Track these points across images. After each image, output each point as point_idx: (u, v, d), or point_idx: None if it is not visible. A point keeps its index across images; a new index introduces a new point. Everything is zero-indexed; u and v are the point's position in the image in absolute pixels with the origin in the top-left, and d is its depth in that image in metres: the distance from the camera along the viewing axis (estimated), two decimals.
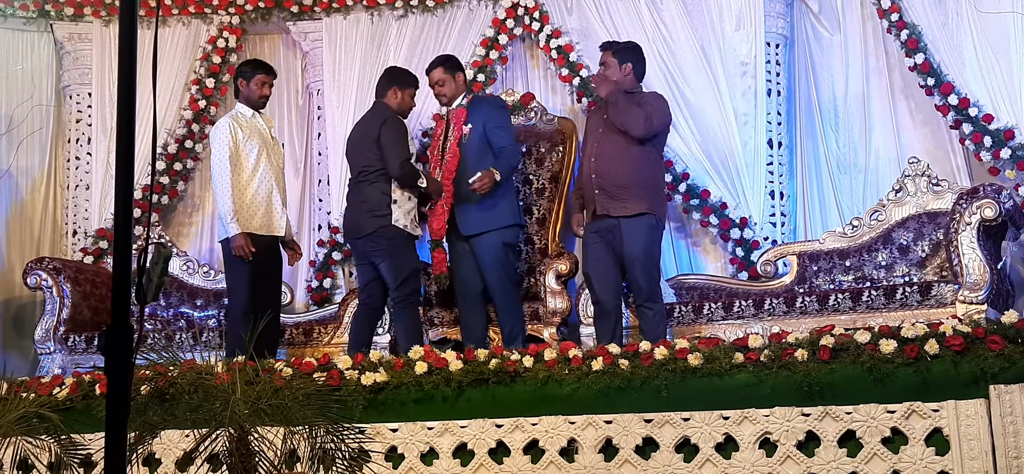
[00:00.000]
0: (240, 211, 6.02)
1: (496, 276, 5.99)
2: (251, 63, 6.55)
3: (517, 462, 4.50)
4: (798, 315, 5.82)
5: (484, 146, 6.06)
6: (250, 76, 6.28)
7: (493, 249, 5.98)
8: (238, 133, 6.10)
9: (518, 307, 6.16)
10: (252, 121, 6.22)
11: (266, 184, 6.15)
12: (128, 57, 2.10)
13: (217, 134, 6.15)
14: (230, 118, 6.19)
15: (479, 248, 5.98)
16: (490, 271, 5.98)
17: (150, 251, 2.14)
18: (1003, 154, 6.28)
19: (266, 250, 6.14)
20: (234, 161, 6.04)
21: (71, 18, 7.88)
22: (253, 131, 6.18)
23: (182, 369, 4.05)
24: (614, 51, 5.97)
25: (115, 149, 2.11)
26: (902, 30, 6.63)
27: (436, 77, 6.27)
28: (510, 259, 6.14)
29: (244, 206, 6.05)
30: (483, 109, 6.18)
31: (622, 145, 5.74)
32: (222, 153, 6.05)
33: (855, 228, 6.52)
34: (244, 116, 6.22)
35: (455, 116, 6.19)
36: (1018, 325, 4.13)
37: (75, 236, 7.71)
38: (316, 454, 3.56)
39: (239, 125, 6.13)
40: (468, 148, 6.07)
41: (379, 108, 6.17)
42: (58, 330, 6.80)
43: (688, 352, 4.45)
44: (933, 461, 4.01)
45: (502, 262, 6.02)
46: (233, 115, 6.22)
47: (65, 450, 3.96)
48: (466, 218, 6.03)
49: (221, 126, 6.16)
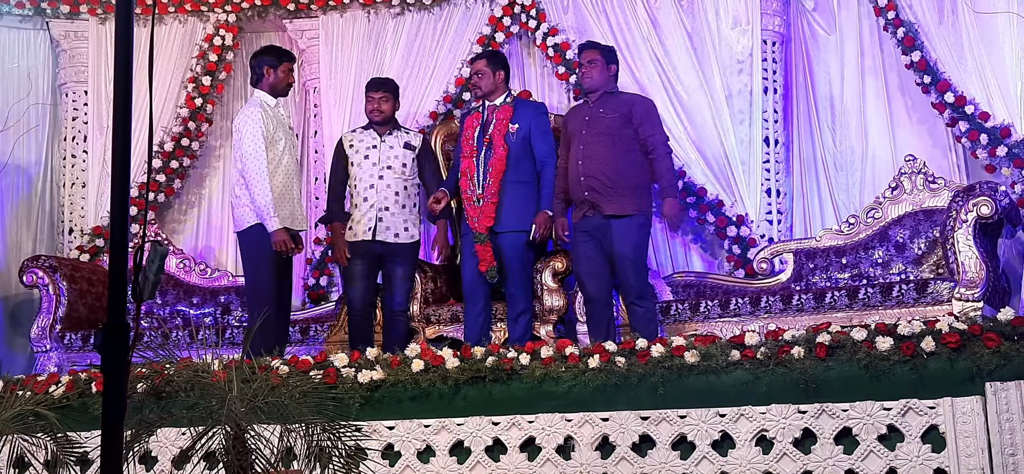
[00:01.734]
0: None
1: (519, 273, 6.02)
2: (275, 50, 6.21)
3: (514, 459, 4.50)
4: (795, 312, 5.83)
5: (526, 148, 6.08)
6: (277, 64, 5.97)
7: (520, 247, 6.00)
8: (269, 122, 5.82)
9: (532, 304, 6.18)
10: (275, 110, 5.95)
11: (289, 176, 5.92)
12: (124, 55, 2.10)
13: (249, 122, 5.78)
14: (258, 106, 5.86)
15: (506, 244, 6.00)
16: (515, 268, 6.00)
17: (146, 249, 2.14)
18: (999, 152, 6.29)
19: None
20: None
21: (67, 16, 7.87)
22: (278, 121, 5.92)
23: (178, 367, 4.04)
24: (601, 51, 5.97)
25: (111, 147, 2.11)
26: (899, 28, 6.63)
27: (477, 68, 6.22)
28: (531, 257, 6.18)
29: (274, 199, 5.78)
30: (529, 113, 6.18)
31: (610, 146, 5.74)
32: (257, 141, 5.73)
33: (851, 226, 6.53)
34: (268, 105, 5.91)
35: (497, 113, 6.16)
36: (1014, 322, 4.13)
37: (71, 234, 7.71)
38: (312, 452, 3.56)
39: (266, 114, 5.85)
40: (513, 147, 6.08)
41: None
42: (54, 328, 6.80)
43: (685, 349, 4.45)
44: (929, 458, 4.02)
45: (526, 260, 6.06)
46: (259, 104, 5.89)
47: (61, 448, 3.96)
48: (499, 214, 6.01)
49: (252, 114, 5.81)
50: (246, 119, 5.83)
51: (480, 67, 6.21)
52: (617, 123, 5.76)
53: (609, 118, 5.78)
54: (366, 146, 6.20)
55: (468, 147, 6.16)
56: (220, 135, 8.08)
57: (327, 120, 7.53)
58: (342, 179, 6.28)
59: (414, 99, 7.35)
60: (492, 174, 6.02)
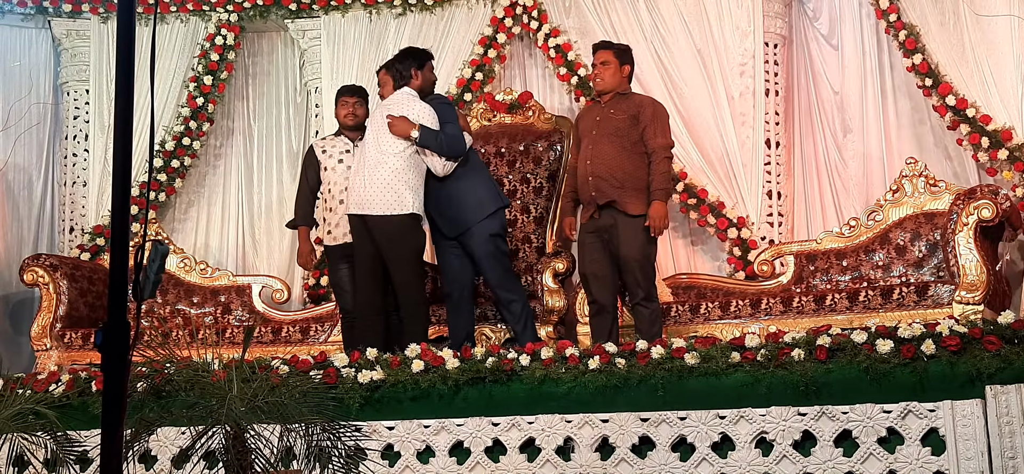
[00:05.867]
0: None
1: (492, 269, 5.92)
2: (415, 51, 6.18)
3: (513, 461, 4.50)
4: (795, 315, 5.83)
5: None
6: (422, 64, 6.00)
7: (483, 242, 5.90)
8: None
9: (519, 287, 6.09)
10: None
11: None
12: (126, 54, 2.10)
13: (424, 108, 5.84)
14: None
15: (470, 244, 5.93)
16: (486, 266, 5.93)
17: (147, 248, 2.14)
18: (1000, 155, 6.29)
19: None
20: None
21: (69, 14, 7.87)
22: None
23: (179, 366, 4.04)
24: (615, 52, 5.94)
25: (112, 146, 2.11)
26: (900, 31, 6.63)
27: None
28: (501, 247, 6.03)
29: None
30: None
31: (618, 147, 5.72)
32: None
33: (852, 228, 6.53)
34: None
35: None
36: (1015, 326, 4.14)
37: (72, 233, 7.71)
38: (312, 452, 3.56)
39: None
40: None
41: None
42: (54, 327, 6.80)
43: (685, 351, 4.45)
44: (929, 461, 4.02)
45: (493, 254, 5.92)
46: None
47: (61, 447, 3.96)
48: (448, 219, 5.92)
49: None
50: (419, 104, 5.85)
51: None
52: (626, 125, 5.74)
53: (619, 119, 5.76)
54: (339, 151, 6.23)
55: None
56: (221, 135, 8.08)
57: (329, 120, 7.53)
58: (314, 186, 6.35)
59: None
60: None
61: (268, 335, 6.77)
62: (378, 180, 5.72)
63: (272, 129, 8.06)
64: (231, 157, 8.10)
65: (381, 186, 5.71)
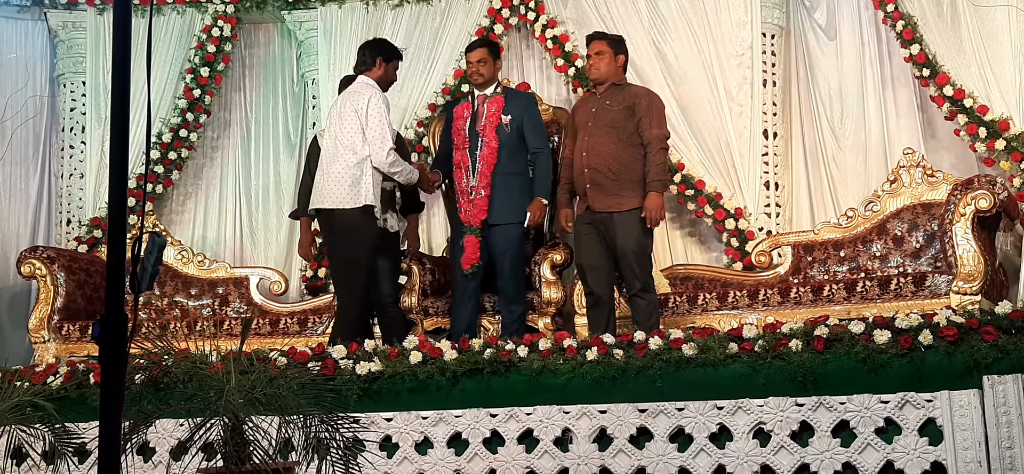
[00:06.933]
0: None
1: (511, 264, 6.04)
2: (388, 45, 6.21)
3: (511, 452, 4.51)
4: (793, 306, 5.83)
5: (519, 140, 6.11)
6: (389, 59, 6.04)
7: (513, 239, 6.04)
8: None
9: (525, 295, 6.22)
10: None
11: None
12: (122, 45, 2.10)
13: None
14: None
15: (498, 236, 6.02)
16: (507, 260, 6.03)
17: (144, 240, 2.14)
18: (998, 145, 6.29)
19: None
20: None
21: (65, 6, 7.85)
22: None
23: (177, 358, 4.04)
24: (609, 41, 5.94)
25: (109, 138, 2.10)
26: (898, 21, 6.63)
27: (478, 56, 6.22)
28: (524, 248, 6.21)
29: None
30: (520, 103, 6.21)
31: (614, 139, 5.72)
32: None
33: (850, 219, 6.53)
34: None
35: (488, 104, 6.16)
36: (1012, 316, 4.14)
37: (69, 225, 7.70)
38: (310, 443, 3.56)
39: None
40: (505, 139, 6.09)
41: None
42: (52, 319, 6.79)
43: (682, 342, 4.46)
44: (927, 451, 4.02)
45: (519, 252, 6.09)
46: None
47: (59, 439, 3.96)
48: (492, 206, 6.04)
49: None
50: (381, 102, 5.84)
51: (481, 55, 6.21)
52: (622, 116, 5.74)
53: (615, 110, 5.76)
54: None
55: (460, 138, 6.17)
56: (218, 126, 8.07)
57: (325, 112, 7.51)
58: (314, 176, 6.31)
59: (413, 91, 7.35)
60: (484, 166, 6.04)
61: (266, 327, 6.77)
62: (333, 173, 5.75)
63: (269, 121, 8.04)
64: (228, 149, 8.08)
65: (335, 179, 5.74)
